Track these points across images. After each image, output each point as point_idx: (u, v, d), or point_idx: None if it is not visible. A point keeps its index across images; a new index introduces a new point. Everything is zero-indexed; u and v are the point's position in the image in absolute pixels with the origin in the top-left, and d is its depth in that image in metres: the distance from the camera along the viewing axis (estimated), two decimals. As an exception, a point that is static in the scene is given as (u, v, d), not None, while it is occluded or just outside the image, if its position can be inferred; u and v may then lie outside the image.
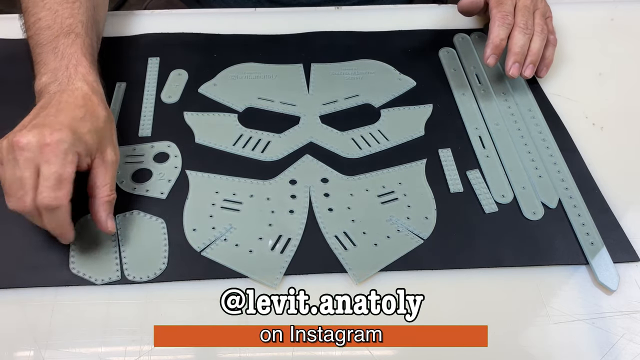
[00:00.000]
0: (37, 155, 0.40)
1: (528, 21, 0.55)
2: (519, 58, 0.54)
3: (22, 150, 0.40)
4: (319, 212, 0.47)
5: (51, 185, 0.40)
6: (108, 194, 0.43)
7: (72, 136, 0.41)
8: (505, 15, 0.54)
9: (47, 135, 0.40)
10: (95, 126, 0.44)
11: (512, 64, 0.54)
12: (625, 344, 0.41)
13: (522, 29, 0.54)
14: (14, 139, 0.40)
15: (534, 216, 0.47)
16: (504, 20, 0.54)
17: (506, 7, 0.55)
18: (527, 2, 0.56)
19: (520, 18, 0.55)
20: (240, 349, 0.40)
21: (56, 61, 0.47)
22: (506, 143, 0.53)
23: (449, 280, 0.44)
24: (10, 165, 0.40)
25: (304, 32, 0.64)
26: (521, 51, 0.54)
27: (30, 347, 0.40)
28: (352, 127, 0.54)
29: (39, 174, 0.40)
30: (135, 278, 0.43)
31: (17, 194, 0.40)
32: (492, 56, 0.54)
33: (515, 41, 0.54)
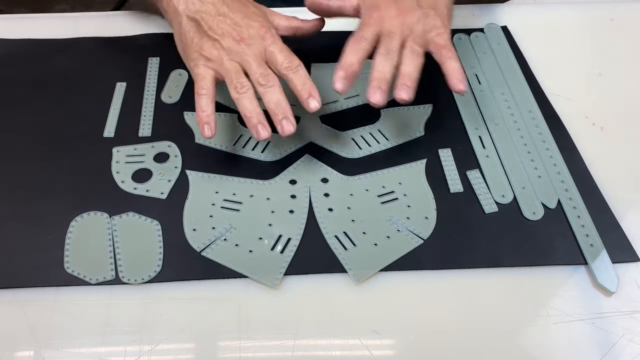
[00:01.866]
0: (260, 42, 0.49)
1: (389, 47, 0.49)
2: (379, 83, 0.47)
3: (249, 43, 0.48)
4: (319, 212, 0.47)
5: (287, 53, 0.48)
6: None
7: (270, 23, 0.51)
8: (359, 40, 0.49)
9: (258, 27, 0.49)
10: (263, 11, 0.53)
11: (373, 90, 0.47)
12: (625, 344, 0.41)
13: (383, 54, 0.49)
14: (235, 36, 0.49)
15: (534, 216, 0.47)
16: (355, 45, 0.49)
17: (363, 33, 0.50)
18: (393, 29, 0.50)
19: (382, 45, 0.50)
20: (240, 349, 0.40)
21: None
22: (506, 143, 0.53)
23: (449, 280, 0.44)
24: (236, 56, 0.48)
25: (304, 32, 0.64)
26: (381, 75, 0.48)
27: (30, 347, 0.40)
28: (352, 127, 0.54)
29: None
30: (129, 280, 0.43)
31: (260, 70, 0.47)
32: (340, 80, 0.48)
33: (375, 68, 0.48)
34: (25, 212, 0.47)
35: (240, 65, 0.48)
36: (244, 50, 0.48)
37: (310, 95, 0.47)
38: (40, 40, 0.62)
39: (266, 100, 0.47)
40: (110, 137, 0.53)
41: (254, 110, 0.47)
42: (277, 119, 0.46)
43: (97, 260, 0.44)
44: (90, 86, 0.58)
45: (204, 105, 0.47)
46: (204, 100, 0.47)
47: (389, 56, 0.49)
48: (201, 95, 0.48)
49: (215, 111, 0.48)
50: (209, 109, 0.47)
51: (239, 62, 0.48)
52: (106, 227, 0.46)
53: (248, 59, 0.48)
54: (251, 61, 0.48)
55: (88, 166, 0.50)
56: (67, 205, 0.47)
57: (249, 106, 0.47)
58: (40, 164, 0.50)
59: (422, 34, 0.51)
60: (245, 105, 0.47)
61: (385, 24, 0.50)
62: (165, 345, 0.40)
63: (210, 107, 0.47)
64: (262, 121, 0.46)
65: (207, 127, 0.47)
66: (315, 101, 0.47)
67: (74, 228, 0.46)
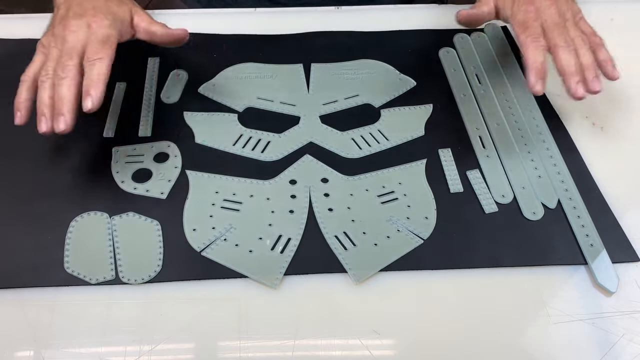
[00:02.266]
0: (85, 31, 0.48)
1: (566, 37, 0.51)
2: (579, 77, 0.49)
3: (73, 30, 0.48)
4: (319, 212, 0.47)
5: (97, 46, 0.47)
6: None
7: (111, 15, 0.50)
8: (536, 38, 0.51)
9: (90, 17, 0.49)
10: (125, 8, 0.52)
11: (576, 85, 0.49)
12: (625, 344, 0.41)
13: (565, 47, 0.50)
14: (65, 24, 0.48)
15: (534, 216, 0.47)
16: (537, 44, 0.50)
17: (534, 30, 0.51)
18: (556, 18, 0.52)
19: (557, 37, 0.51)
20: (240, 349, 0.40)
21: None
22: (506, 143, 0.53)
23: (449, 280, 0.44)
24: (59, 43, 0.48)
25: (304, 32, 0.64)
26: (576, 69, 0.49)
27: (30, 347, 0.40)
28: (352, 127, 0.54)
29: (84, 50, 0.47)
30: (129, 280, 0.43)
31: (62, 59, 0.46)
32: (538, 82, 0.48)
33: (565, 62, 0.49)
34: (25, 212, 0.47)
35: (60, 54, 0.48)
36: (65, 38, 0.48)
37: (87, 94, 0.45)
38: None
39: (55, 92, 0.46)
40: (110, 137, 0.53)
41: (44, 101, 0.46)
42: (55, 113, 0.46)
43: (97, 260, 0.44)
44: (90, 86, 0.57)
45: (21, 92, 0.48)
46: (23, 87, 0.48)
47: (570, 48, 0.50)
48: (22, 82, 0.48)
49: (32, 98, 0.47)
50: (24, 96, 0.47)
51: (60, 50, 0.48)
52: (106, 227, 0.46)
53: (64, 48, 0.47)
54: (64, 49, 0.47)
55: (88, 166, 0.50)
56: (67, 205, 0.47)
57: (42, 95, 0.46)
58: (40, 164, 0.50)
59: (574, 20, 0.54)
60: (40, 93, 0.47)
61: (544, 16, 0.52)
62: (165, 345, 0.40)
63: (26, 94, 0.47)
64: (46, 114, 0.46)
65: (18, 113, 0.47)
66: (90, 100, 0.45)
67: (74, 228, 0.46)
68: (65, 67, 0.46)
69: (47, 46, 0.49)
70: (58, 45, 0.48)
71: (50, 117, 0.46)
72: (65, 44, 0.47)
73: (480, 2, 0.56)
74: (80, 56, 0.47)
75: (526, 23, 0.52)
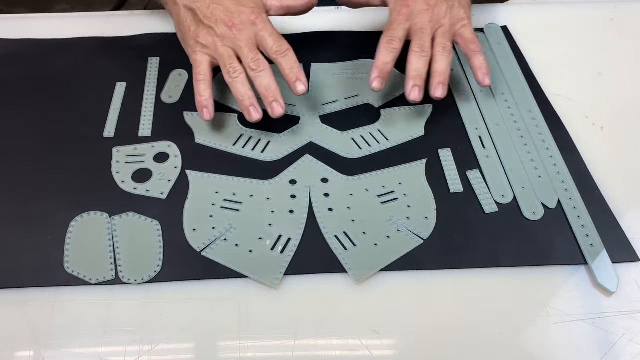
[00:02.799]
0: (251, 28, 0.51)
1: (424, 44, 0.52)
2: (417, 82, 0.51)
3: (241, 29, 0.50)
4: (319, 212, 0.47)
5: (276, 38, 0.50)
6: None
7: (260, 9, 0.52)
8: (392, 40, 0.52)
9: (249, 13, 0.51)
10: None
11: (411, 88, 0.51)
12: (625, 344, 0.41)
13: (417, 52, 0.51)
14: (227, 23, 0.50)
15: (534, 216, 0.47)
16: (388, 46, 0.51)
17: (394, 32, 0.52)
18: (424, 24, 0.52)
19: (415, 42, 0.52)
20: (240, 349, 0.40)
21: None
22: (506, 143, 0.53)
23: (449, 280, 0.44)
24: (229, 42, 0.51)
25: (304, 32, 0.64)
26: (417, 74, 0.51)
27: (30, 347, 0.40)
28: (352, 127, 0.54)
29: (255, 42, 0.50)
30: (129, 280, 0.43)
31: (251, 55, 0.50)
32: (376, 79, 0.51)
33: (411, 66, 0.51)
34: (25, 212, 0.47)
35: (234, 51, 0.51)
36: (236, 36, 0.50)
37: (297, 79, 0.50)
38: (40, 40, 0.62)
39: (257, 84, 0.49)
40: (110, 137, 0.53)
41: (246, 94, 0.49)
42: (268, 101, 0.49)
43: (97, 260, 0.44)
44: (90, 86, 0.58)
45: (202, 90, 0.50)
46: (201, 86, 0.50)
47: (423, 54, 0.51)
48: (199, 81, 0.51)
49: (212, 95, 0.51)
50: (206, 93, 0.50)
51: (232, 48, 0.51)
52: (106, 227, 0.46)
53: (240, 44, 0.50)
54: (243, 46, 0.50)
55: (88, 166, 0.50)
56: (67, 205, 0.47)
57: (241, 89, 0.49)
58: (40, 164, 0.50)
59: (450, 27, 0.54)
60: (238, 88, 0.50)
61: (415, 20, 0.53)
62: (165, 345, 0.40)
63: (208, 92, 0.50)
64: (254, 104, 0.49)
65: (205, 110, 0.50)
66: (302, 84, 0.50)
67: (74, 228, 0.46)
68: (257, 61, 0.49)
69: (211, 46, 0.51)
70: (228, 43, 0.51)
71: (259, 106, 0.49)
72: (239, 42, 0.50)
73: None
74: (259, 50, 0.51)
75: (392, 24, 0.53)
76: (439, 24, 0.53)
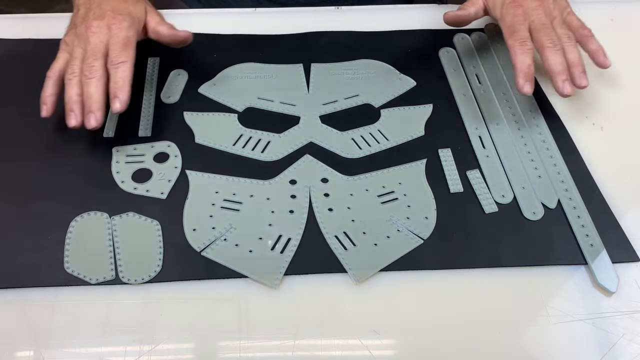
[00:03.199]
0: (106, 32, 0.50)
1: (553, 38, 0.53)
2: (565, 75, 0.52)
3: (94, 32, 0.50)
4: (319, 212, 0.47)
5: (119, 48, 0.50)
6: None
7: (129, 16, 0.52)
8: (523, 41, 0.53)
9: (110, 18, 0.51)
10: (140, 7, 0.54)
11: (563, 83, 0.52)
12: (625, 344, 0.41)
13: (551, 47, 0.53)
14: (87, 25, 0.51)
15: (534, 216, 0.47)
16: (523, 48, 0.52)
17: (521, 34, 0.53)
18: (542, 19, 0.54)
19: (544, 38, 0.53)
20: (240, 349, 0.40)
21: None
22: (506, 143, 0.53)
23: (449, 280, 0.44)
24: (82, 43, 0.51)
25: (304, 32, 0.64)
26: (563, 68, 0.52)
27: (30, 347, 0.40)
28: (352, 127, 0.54)
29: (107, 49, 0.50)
30: (130, 280, 0.43)
31: (88, 61, 0.49)
32: (526, 84, 0.52)
33: (552, 62, 0.52)
34: (25, 212, 0.47)
35: (83, 53, 0.51)
36: (88, 38, 0.51)
37: (114, 96, 0.49)
38: (40, 40, 0.62)
39: (83, 91, 0.49)
40: (110, 137, 0.53)
41: (71, 98, 0.49)
42: (85, 111, 0.49)
43: (97, 260, 0.44)
44: (90, 86, 0.58)
45: (47, 87, 0.51)
46: (48, 82, 0.51)
47: (556, 47, 0.53)
48: (48, 77, 0.51)
49: (58, 93, 0.51)
50: (50, 91, 0.51)
51: (83, 50, 0.51)
52: (106, 227, 0.46)
53: (87, 47, 0.51)
54: (88, 49, 0.50)
55: (88, 166, 0.50)
56: (67, 205, 0.47)
57: (70, 92, 0.49)
58: (40, 164, 0.50)
59: (561, 17, 0.56)
60: (68, 90, 0.50)
61: (532, 17, 0.54)
62: (165, 345, 0.40)
63: (52, 89, 0.51)
64: (75, 110, 0.49)
65: (44, 107, 0.50)
66: (118, 102, 0.49)
67: (74, 228, 0.46)
68: (91, 67, 0.49)
69: (70, 45, 0.52)
70: (81, 45, 0.51)
71: (80, 113, 0.49)
72: (89, 45, 0.50)
73: (468, 3, 0.59)
74: (104, 57, 0.50)
75: (513, 27, 0.54)
76: (552, 16, 0.55)
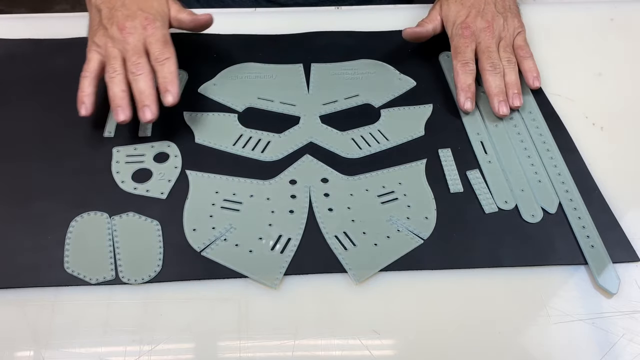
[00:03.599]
0: (141, 32, 0.52)
1: (494, 61, 0.55)
2: (501, 97, 0.54)
3: (130, 32, 0.52)
4: (319, 212, 0.47)
5: (161, 45, 0.52)
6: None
7: (159, 15, 0.54)
8: (466, 63, 0.55)
9: (143, 19, 0.52)
10: (164, 4, 0.56)
11: (498, 104, 0.54)
12: (625, 344, 0.41)
13: (491, 71, 0.55)
14: (120, 26, 0.52)
15: (533, 219, 0.47)
16: (465, 69, 0.55)
17: (465, 56, 0.56)
18: (488, 42, 0.56)
19: (486, 61, 0.55)
20: (240, 349, 0.40)
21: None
22: (505, 146, 0.53)
23: (449, 280, 0.44)
24: (118, 44, 0.52)
25: (304, 32, 0.64)
26: (499, 90, 0.55)
27: (30, 347, 0.40)
28: (352, 127, 0.54)
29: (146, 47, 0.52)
30: (130, 280, 0.43)
31: (132, 59, 0.51)
32: (467, 100, 0.54)
33: (490, 84, 0.55)
34: (25, 212, 0.47)
35: (121, 53, 0.52)
36: (125, 39, 0.52)
37: (166, 90, 0.51)
38: (40, 40, 0.62)
39: (133, 88, 0.51)
40: (110, 137, 0.53)
41: (117, 95, 0.51)
42: (138, 105, 0.50)
43: (97, 260, 0.44)
44: (90, 86, 0.58)
45: (84, 86, 0.52)
46: (85, 82, 0.52)
47: (496, 71, 0.55)
48: (84, 77, 0.52)
49: (95, 92, 0.52)
50: (87, 90, 0.52)
51: (120, 50, 0.52)
52: (106, 227, 0.46)
53: (127, 47, 0.52)
54: (129, 49, 0.52)
55: (88, 166, 0.50)
56: (67, 205, 0.47)
57: (115, 89, 0.51)
58: (40, 164, 0.50)
59: (509, 39, 0.58)
60: (112, 88, 0.51)
61: (479, 39, 0.57)
62: (165, 345, 0.40)
63: (89, 89, 0.52)
64: (122, 105, 0.50)
65: (83, 106, 0.51)
66: (170, 95, 0.50)
67: (74, 228, 0.46)
68: (137, 65, 0.51)
69: (102, 46, 0.53)
70: (117, 45, 0.52)
71: (127, 108, 0.50)
72: (127, 45, 0.52)
73: (426, 20, 0.61)
74: (146, 55, 0.52)
75: (459, 48, 0.56)
76: (500, 38, 0.57)
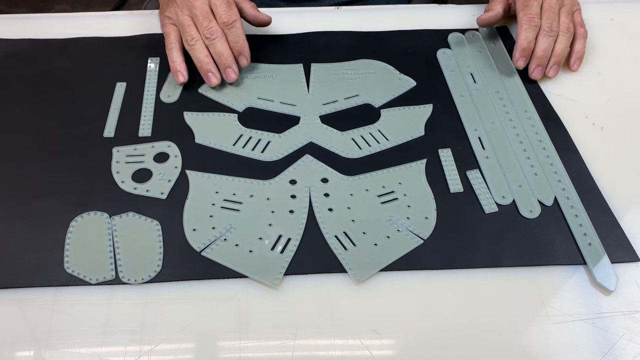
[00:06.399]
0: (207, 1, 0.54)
1: (553, 23, 0.56)
2: (542, 61, 0.56)
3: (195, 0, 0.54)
4: (319, 212, 0.47)
5: (226, 7, 0.54)
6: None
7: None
8: (532, 17, 0.56)
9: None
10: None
11: (535, 67, 0.56)
12: (625, 344, 0.41)
13: (547, 32, 0.56)
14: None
15: (531, 214, 0.47)
16: (530, 23, 0.56)
17: (532, 9, 0.56)
18: (553, 2, 0.57)
19: (545, 20, 0.56)
20: (240, 349, 0.40)
21: None
22: (502, 142, 0.53)
23: (449, 280, 0.44)
24: (186, 10, 0.54)
25: (304, 32, 0.64)
26: (544, 54, 0.56)
27: (30, 347, 0.40)
28: (352, 127, 0.55)
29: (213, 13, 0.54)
30: (129, 280, 0.43)
31: (204, 24, 0.53)
32: (521, 59, 0.56)
33: (539, 45, 0.56)
34: (25, 212, 0.47)
35: (192, 19, 0.54)
36: (192, 4, 0.54)
37: (240, 54, 0.54)
38: (40, 40, 0.63)
39: (212, 52, 0.54)
40: (110, 137, 0.53)
41: (203, 60, 0.54)
42: (222, 68, 0.54)
43: (97, 260, 0.44)
44: (90, 86, 0.58)
45: (174, 57, 0.55)
46: (173, 53, 0.55)
47: (551, 33, 0.56)
48: (170, 49, 0.55)
49: (184, 61, 0.55)
50: (178, 59, 0.55)
51: (190, 16, 0.54)
52: (106, 227, 0.46)
53: (195, 12, 0.54)
54: (198, 14, 0.54)
55: (88, 166, 0.50)
56: (67, 205, 0.47)
57: (199, 56, 0.54)
58: (40, 164, 0.50)
59: (570, 8, 0.59)
60: (196, 55, 0.54)
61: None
62: (165, 345, 0.40)
63: (180, 57, 0.55)
64: (212, 70, 0.54)
65: (179, 74, 0.55)
66: (244, 58, 0.54)
67: (74, 228, 0.46)
68: (210, 29, 0.53)
69: (174, 16, 0.56)
70: (185, 12, 0.55)
71: (217, 71, 0.54)
72: (195, 9, 0.54)
73: (493, 3, 0.61)
74: (214, 17, 0.54)
75: (527, 1, 0.57)
76: (562, 4, 0.59)
